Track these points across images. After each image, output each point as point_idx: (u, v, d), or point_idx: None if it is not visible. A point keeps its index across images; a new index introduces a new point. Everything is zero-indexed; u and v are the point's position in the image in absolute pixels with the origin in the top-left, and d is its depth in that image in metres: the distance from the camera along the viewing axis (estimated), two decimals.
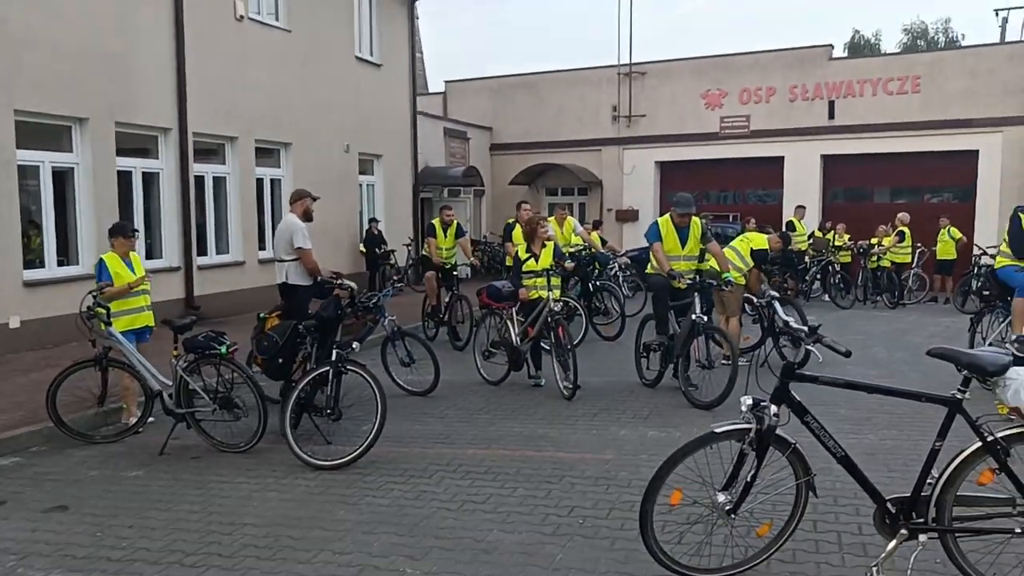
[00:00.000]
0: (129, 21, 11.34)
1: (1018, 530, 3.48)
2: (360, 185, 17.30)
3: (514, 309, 8.33)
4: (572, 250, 11.86)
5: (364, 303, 6.58)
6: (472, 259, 11.40)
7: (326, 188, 14.65)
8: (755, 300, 8.42)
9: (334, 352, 5.88)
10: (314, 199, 7.36)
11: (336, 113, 15.78)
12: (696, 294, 7.62)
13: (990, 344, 7.66)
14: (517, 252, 8.49)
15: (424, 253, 11.50)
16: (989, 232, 17.44)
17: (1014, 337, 7.23)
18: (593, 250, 12.25)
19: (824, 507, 4.56)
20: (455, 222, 11.13)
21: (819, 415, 6.30)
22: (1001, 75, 18.36)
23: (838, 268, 15.84)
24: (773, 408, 3.57)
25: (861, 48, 46.70)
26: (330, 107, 15.58)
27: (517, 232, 10.19)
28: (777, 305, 3.43)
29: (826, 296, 15.70)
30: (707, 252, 8.23)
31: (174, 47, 12.04)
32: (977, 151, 18.62)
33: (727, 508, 3.66)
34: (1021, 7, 30.82)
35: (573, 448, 6.05)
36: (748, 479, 3.64)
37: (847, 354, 3.52)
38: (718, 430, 3.60)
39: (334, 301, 6.33)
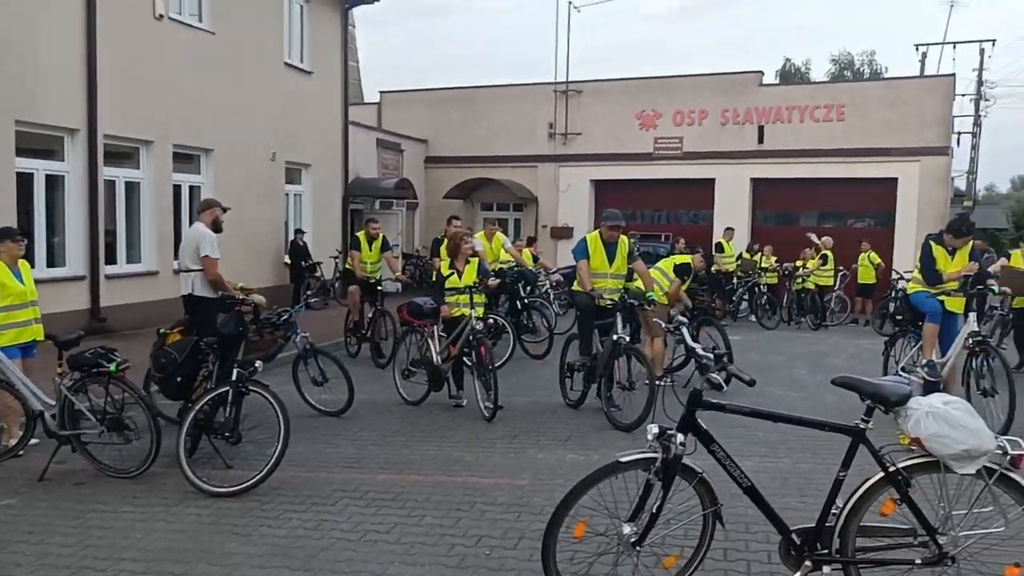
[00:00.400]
0: (36, 16, 10.85)
1: (918, 561, 3.47)
2: (287, 195, 16.92)
3: (436, 327, 8.17)
4: (501, 267, 11.80)
5: (272, 319, 6.33)
6: (398, 274, 11.19)
7: (250, 197, 14.30)
8: (663, 324, 8.46)
9: (234, 371, 5.62)
10: (224, 210, 7.08)
11: (262, 120, 15.41)
12: (619, 313, 7.58)
13: (902, 368, 7.81)
14: (440, 268, 8.33)
15: (347, 266, 11.25)
16: (906, 257, 17.97)
17: (924, 361, 7.39)
18: (522, 267, 12.17)
19: (735, 534, 4.51)
20: (381, 235, 10.91)
21: (738, 437, 6.43)
22: (920, 107, 19.04)
23: (764, 289, 16.14)
24: (680, 437, 3.50)
25: (791, 76, 48.12)
26: (256, 113, 15.20)
27: (443, 247, 10.05)
28: (685, 331, 3.40)
29: (752, 317, 15.97)
30: (633, 271, 8.23)
31: (85, 45, 11.53)
32: (897, 179, 19.22)
33: (632, 540, 3.56)
34: (939, 43, 32.22)
35: (488, 472, 5.91)
36: (654, 510, 3.55)
37: (751, 383, 3.47)
38: (623, 459, 3.51)
39: (235, 317, 6.06)
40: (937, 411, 3.33)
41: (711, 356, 3.55)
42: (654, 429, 3.50)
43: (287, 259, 16.37)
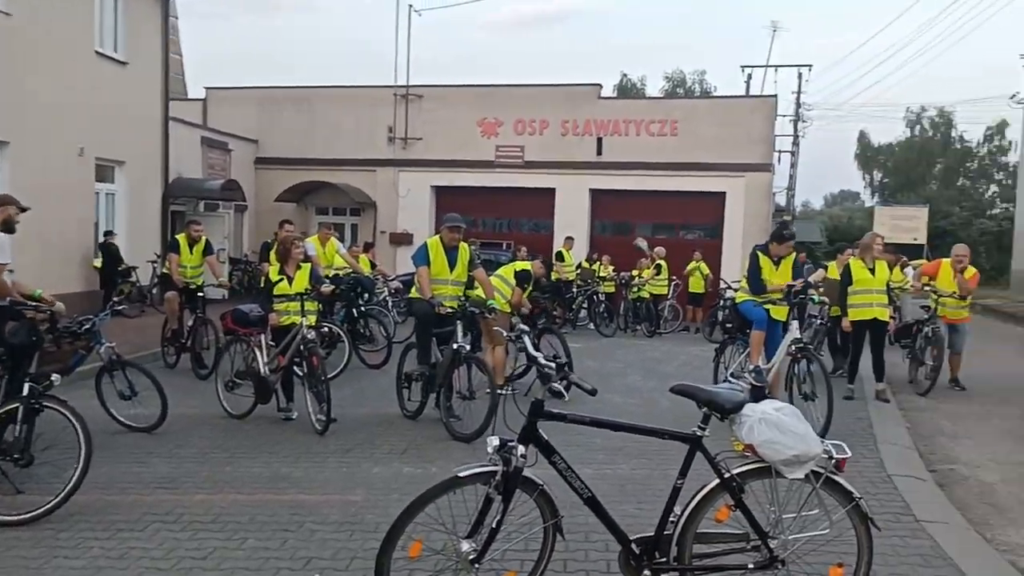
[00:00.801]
0: None
1: (751, 565, 3.56)
2: (97, 194, 15.67)
3: (263, 335, 7.76)
4: (336, 273, 11.45)
5: (71, 328, 5.75)
6: (222, 279, 10.58)
7: (52, 195, 13.10)
8: (504, 333, 8.50)
9: (26, 386, 5.04)
10: (22, 209, 6.37)
11: (68, 112, 14.18)
12: (459, 321, 7.49)
13: (731, 373, 8.20)
14: (268, 273, 7.92)
15: (165, 271, 10.52)
16: (734, 268, 19.05)
17: (751, 367, 7.78)
18: (357, 273, 11.86)
19: (575, 544, 4.49)
20: (204, 238, 10.29)
21: (577, 444, 6.46)
22: (746, 125, 20.30)
23: (602, 298, 16.62)
24: (520, 449, 3.43)
25: (628, 91, 50.22)
26: (61, 105, 13.97)
27: (273, 252, 9.61)
28: (527, 340, 3.36)
29: (591, 324, 16.41)
30: (474, 278, 8.18)
31: None
32: (725, 193, 20.39)
33: (471, 557, 3.46)
34: (762, 66, 34.66)
35: (318, 489, 5.63)
36: (494, 525, 3.46)
37: (593, 392, 3.45)
38: (462, 474, 3.39)
39: (26, 325, 5.44)
40: (769, 418, 3.44)
41: (553, 365, 3.51)
42: (494, 442, 3.42)
43: (97, 263, 15.16)
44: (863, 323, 9.34)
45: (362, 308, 11.51)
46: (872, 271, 9.38)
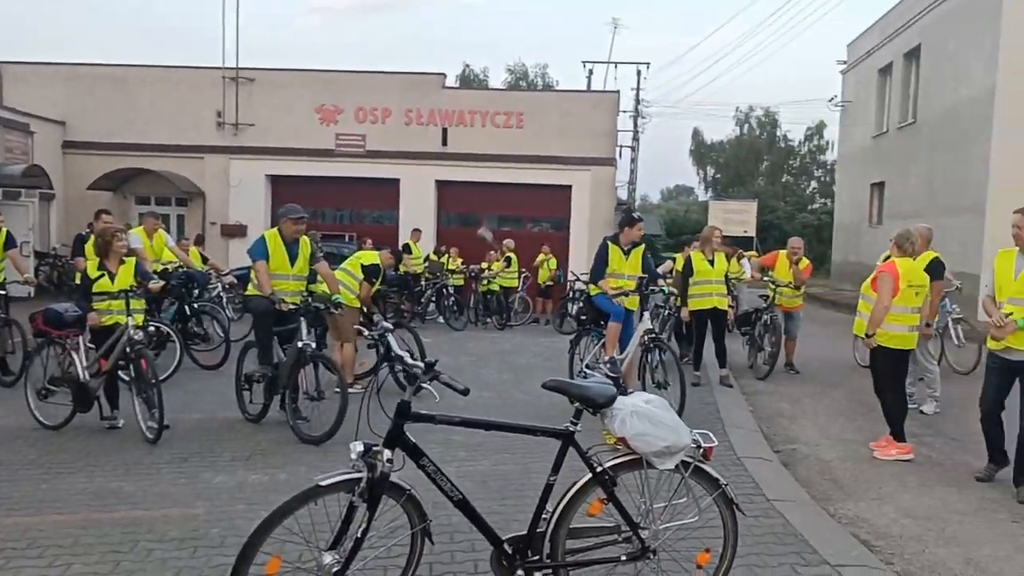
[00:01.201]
0: None
1: (623, 557, 3.59)
2: None
3: (82, 337, 7.13)
4: (164, 267, 10.76)
5: None
6: (27, 276, 9.63)
7: None
8: (366, 332, 8.27)
9: None
10: None
11: None
12: (303, 318, 7.19)
13: (587, 365, 8.34)
14: (86, 269, 7.27)
15: None
16: (581, 260, 19.52)
17: (606, 359, 7.94)
18: (188, 268, 11.20)
19: (440, 546, 4.36)
20: (5, 230, 9.34)
21: (436, 442, 6.36)
22: (588, 120, 20.81)
23: (452, 291, 16.56)
24: (387, 453, 3.29)
25: (471, 82, 50.46)
26: None
27: (90, 245, 8.86)
28: (391, 338, 3.20)
29: (440, 318, 16.32)
30: (317, 273, 7.89)
31: None
32: (570, 186, 20.84)
33: (335, 569, 3.29)
34: (603, 62, 35.80)
35: (154, 504, 5.22)
36: (359, 534, 3.31)
37: (465, 392, 3.34)
38: (323, 483, 3.20)
39: None
40: (640, 410, 3.47)
41: (421, 364, 3.37)
42: (358, 447, 3.25)
43: None
44: (704, 312, 9.78)
45: (194, 305, 10.86)
46: (711, 263, 9.83)
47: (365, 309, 9.15)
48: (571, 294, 16.69)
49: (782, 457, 6.86)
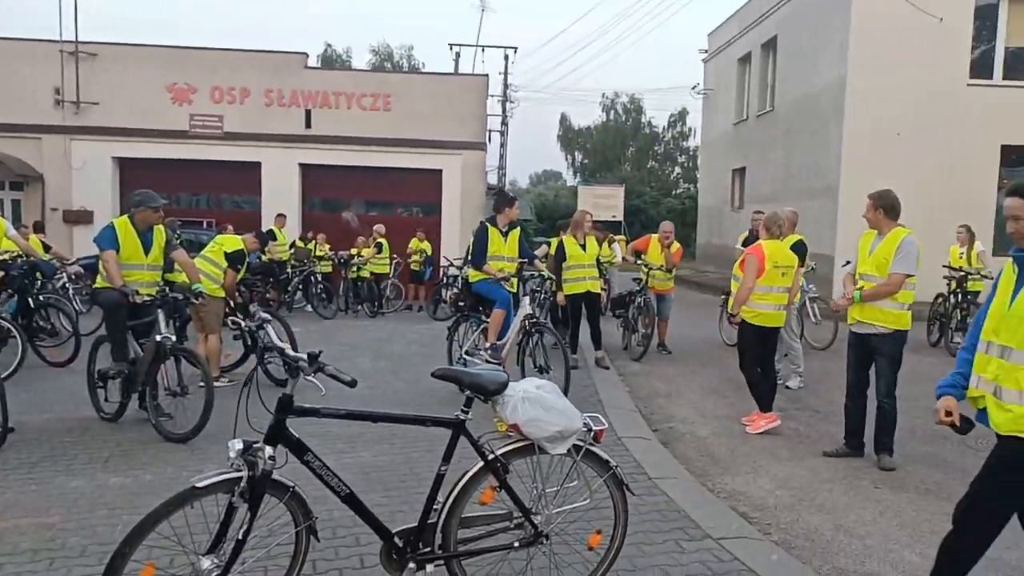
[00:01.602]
0: None
1: (516, 544, 3.59)
2: None
3: None
4: (4, 257, 9.99)
5: None
6: None
7: None
8: (242, 323, 7.94)
9: None
10: None
11: None
12: (160, 310, 6.83)
13: (466, 352, 8.32)
14: None
15: None
16: (454, 245, 19.49)
17: (487, 345, 7.95)
18: (32, 257, 10.43)
19: (324, 542, 4.24)
20: None
21: (311, 434, 6.13)
22: (458, 103, 20.69)
23: (320, 278, 16.15)
24: (268, 450, 3.15)
25: (333, 62, 49.33)
26: None
27: None
28: (270, 329, 3.06)
29: (309, 307, 15.93)
30: (175, 262, 7.52)
31: None
32: (441, 170, 20.69)
33: (214, 574, 3.13)
34: (471, 45, 35.77)
35: (2, 513, 4.81)
36: (240, 536, 3.16)
37: (352, 384, 3.24)
38: (200, 484, 3.02)
39: None
40: (531, 396, 3.46)
41: (304, 356, 3.24)
42: (237, 445, 3.10)
43: None
44: (578, 296, 9.96)
45: (39, 297, 10.14)
46: (583, 247, 10.01)
47: (230, 299, 8.80)
48: (445, 280, 16.62)
49: (660, 436, 7.08)
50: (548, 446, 3.45)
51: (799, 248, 8.63)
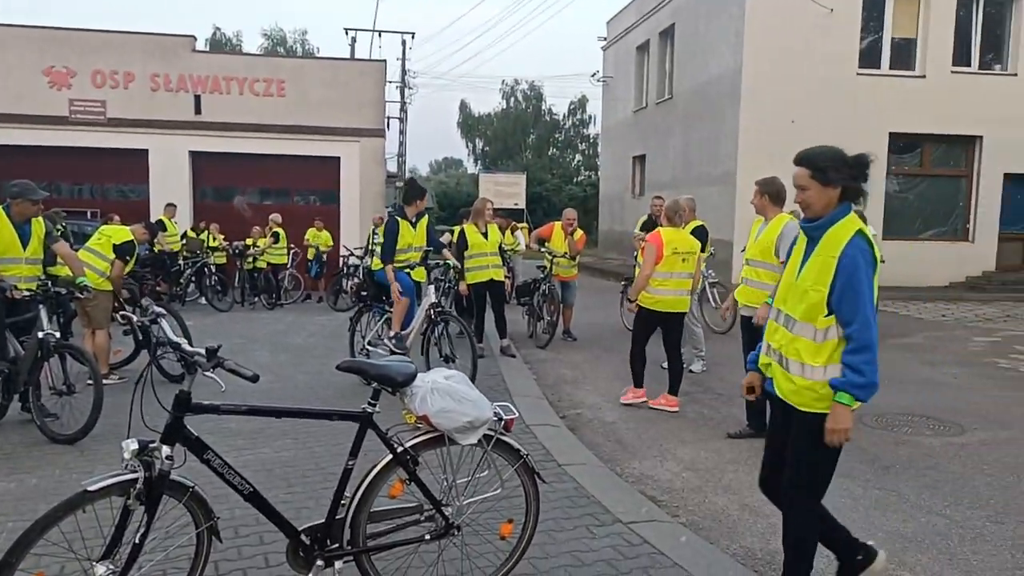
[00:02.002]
0: None
1: (427, 536, 3.57)
2: None
3: None
4: None
5: None
6: None
7: None
8: (133, 318, 7.59)
9: None
10: None
11: None
12: (42, 306, 6.50)
13: (369, 342, 8.21)
14: None
15: None
16: (353, 234, 19.20)
17: (392, 334, 7.87)
18: None
19: (226, 542, 4.14)
20: None
21: (209, 432, 5.98)
22: (355, 89, 20.33)
23: (214, 270, 15.68)
24: (165, 449, 3.04)
25: (223, 46, 47.83)
26: None
27: None
28: (164, 323, 2.93)
29: (203, 299, 15.47)
30: (56, 255, 7.16)
31: None
32: (339, 158, 20.28)
33: None
34: (367, 30, 35.28)
35: None
36: (137, 539, 3.04)
37: (254, 379, 3.14)
38: (92, 488, 2.89)
39: None
40: (440, 386, 3.43)
41: (203, 351, 3.13)
42: (132, 445, 2.97)
43: None
44: (482, 285, 9.97)
45: None
46: (485, 235, 10.03)
47: (116, 292, 8.44)
48: (345, 269, 16.36)
49: (568, 422, 7.15)
50: (459, 437, 3.43)
51: (700, 233, 8.85)
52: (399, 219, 8.22)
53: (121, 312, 7.64)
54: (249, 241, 16.53)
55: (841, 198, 3.43)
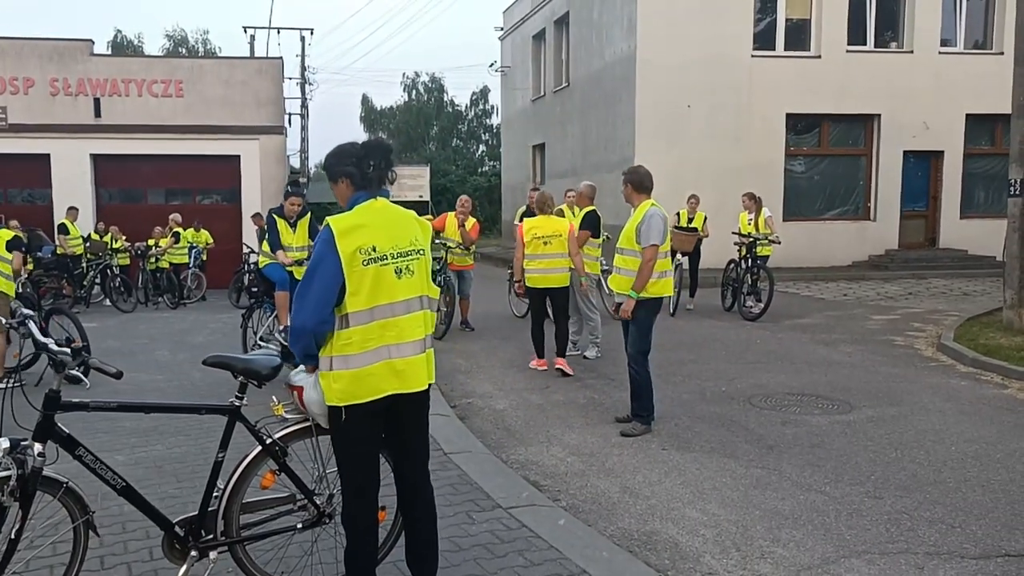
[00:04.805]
0: None
1: (299, 525, 3.61)
2: None
3: None
4: None
5: None
6: None
7: None
8: (3, 320, 7.40)
9: None
10: None
11: None
12: None
13: (260, 337, 8.24)
14: None
15: None
16: (254, 231, 18.85)
17: (280, 328, 7.91)
18: None
19: (112, 537, 4.19)
20: None
21: (104, 431, 5.96)
22: (254, 87, 20.05)
23: (117, 271, 15.43)
24: (37, 447, 3.09)
25: (124, 48, 46.17)
26: None
27: None
28: (32, 324, 2.93)
29: (107, 300, 15.20)
30: None
31: None
32: (239, 156, 19.93)
33: None
34: (265, 28, 34.66)
35: None
36: (12, 535, 3.08)
37: (118, 375, 3.20)
38: None
39: None
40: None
41: (68, 351, 3.17)
42: (3, 443, 3.03)
43: None
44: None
45: None
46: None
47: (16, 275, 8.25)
48: (245, 267, 16.17)
49: (459, 411, 7.12)
50: (323, 420, 3.38)
51: (591, 218, 9.40)
52: (276, 217, 8.32)
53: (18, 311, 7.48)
54: (151, 242, 16.20)
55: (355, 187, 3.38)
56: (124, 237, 16.69)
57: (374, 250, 3.21)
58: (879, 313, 12.94)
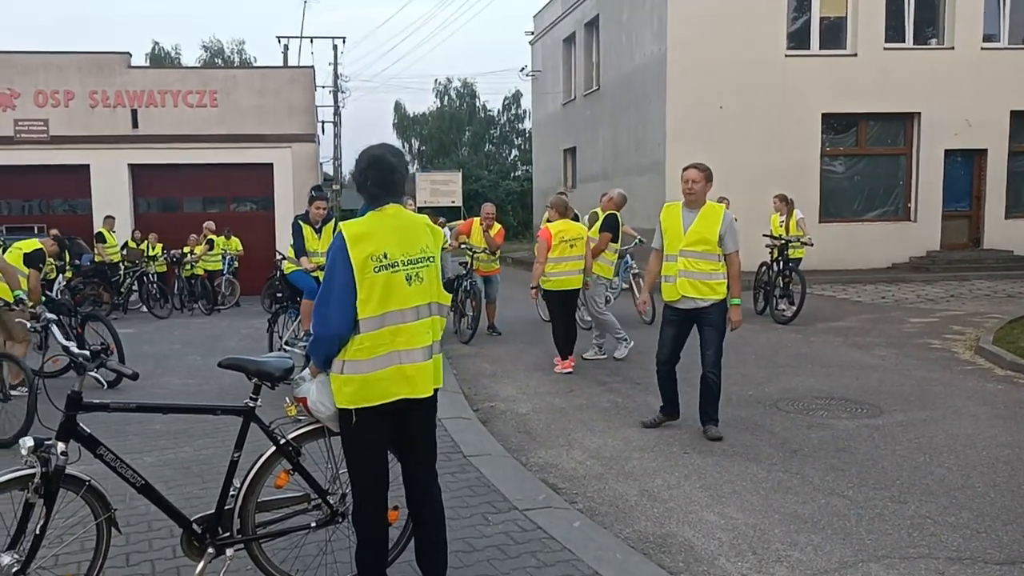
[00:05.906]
0: None
1: (313, 524, 3.71)
2: None
3: None
4: None
5: None
6: None
7: None
8: (28, 324, 7.65)
9: None
10: None
11: None
12: None
13: (286, 342, 8.40)
14: None
15: None
16: (286, 239, 19.07)
17: (303, 334, 8.07)
18: None
19: (138, 535, 4.33)
20: None
21: (134, 433, 6.14)
22: (286, 96, 20.36)
23: (154, 278, 15.81)
24: (60, 446, 3.22)
25: (162, 60, 47.13)
26: None
27: None
28: (55, 329, 3.09)
29: (144, 307, 15.55)
30: None
31: None
32: (272, 164, 20.26)
33: (14, 570, 3.17)
34: (298, 37, 35.13)
35: None
36: (38, 531, 3.21)
37: (134, 376, 3.33)
38: None
39: None
40: (326, 381, 3.44)
41: (87, 353, 3.31)
42: (28, 443, 3.16)
43: None
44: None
45: None
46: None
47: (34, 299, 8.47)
48: (277, 273, 16.43)
49: (481, 415, 7.18)
50: (334, 426, 3.50)
51: (611, 222, 9.44)
52: (301, 224, 8.44)
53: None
54: (186, 249, 16.57)
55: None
56: (161, 245, 17.07)
57: (385, 257, 3.31)
58: (917, 316, 12.70)
